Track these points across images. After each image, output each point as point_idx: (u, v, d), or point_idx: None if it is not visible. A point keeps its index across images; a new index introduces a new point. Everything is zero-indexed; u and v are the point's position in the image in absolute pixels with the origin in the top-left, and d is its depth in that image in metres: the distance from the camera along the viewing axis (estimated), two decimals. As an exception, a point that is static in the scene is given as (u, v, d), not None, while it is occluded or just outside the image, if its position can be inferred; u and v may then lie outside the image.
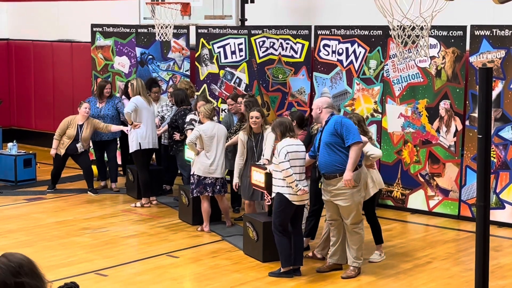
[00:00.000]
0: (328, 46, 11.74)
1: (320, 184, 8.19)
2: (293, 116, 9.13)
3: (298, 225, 8.32)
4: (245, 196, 9.51)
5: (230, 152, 10.38)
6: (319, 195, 8.47)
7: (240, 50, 12.58)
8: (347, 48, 11.55)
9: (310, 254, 8.84)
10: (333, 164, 7.90)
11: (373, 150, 8.55)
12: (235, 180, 9.53)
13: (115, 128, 11.95)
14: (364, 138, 8.10)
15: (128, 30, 13.94)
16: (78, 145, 11.90)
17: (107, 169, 12.61)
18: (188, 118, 10.60)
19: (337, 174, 7.90)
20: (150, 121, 11.19)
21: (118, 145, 12.83)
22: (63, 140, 11.95)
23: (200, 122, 10.07)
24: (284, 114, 11.64)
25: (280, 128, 8.15)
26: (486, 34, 10.34)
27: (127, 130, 11.46)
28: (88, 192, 12.13)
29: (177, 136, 10.98)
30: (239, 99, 10.60)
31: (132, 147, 11.21)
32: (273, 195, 8.18)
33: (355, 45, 11.47)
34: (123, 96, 12.58)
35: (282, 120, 8.25)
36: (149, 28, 13.27)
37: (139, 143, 11.11)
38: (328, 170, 7.95)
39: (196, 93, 12.48)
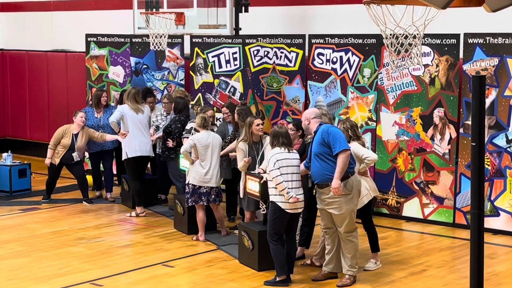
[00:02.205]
0: (322, 54, 11.77)
1: (314, 191, 8.22)
2: (299, 126, 9.05)
3: (292, 234, 8.33)
4: (250, 207, 9.45)
5: (225, 161, 10.38)
6: (311, 203, 8.49)
7: (235, 59, 12.61)
8: (341, 57, 11.58)
9: (308, 261, 8.85)
10: (324, 173, 7.93)
11: (368, 153, 8.56)
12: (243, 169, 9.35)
13: (110, 137, 11.93)
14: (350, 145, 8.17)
15: (122, 39, 13.96)
16: (74, 154, 11.89)
17: (102, 179, 12.60)
18: (188, 126, 10.61)
19: (328, 183, 7.92)
20: (137, 128, 11.16)
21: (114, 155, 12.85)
22: (57, 149, 11.94)
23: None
24: (279, 123, 11.65)
25: (272, 139, 8.22)
26: (479, 42, 10.38)
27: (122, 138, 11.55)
28: (83, 202, 12.11)
29: (170, 143, 10.98)
30: (223, 109, 10.71)
31: (123, 157, 11.27)
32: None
33: (349, 54, 11.50)
34: (119, 106, 12.58)
35: (277, 132, 8.23)
36: (144, 38, 13.29)
37: (126, 152, 11.17)
38: (320, 179, 7.98)
39: (191, 102, 12.50)
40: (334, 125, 8.36)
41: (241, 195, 9.50)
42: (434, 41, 10.67)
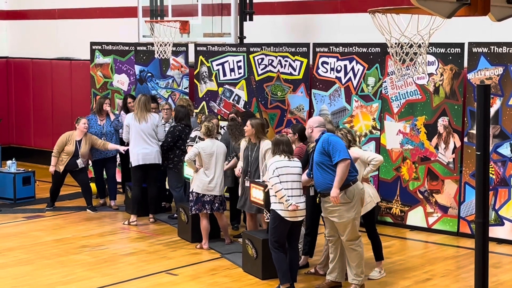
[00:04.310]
0: (327, 63, 11.78)
1: (317, 199, 8.21)
2: (295, 130, 9.15)
3: (295, 242, 8.30)
4: (249, 208, 9.44)
5: (228, 169, 10.37)
6: (313, 211, 8.48)
7: (239, 67, 12.62)
8: (345, 65, 11.59)
9: (312, 270, 8.84)
10: (325, 182, 7.91)
11: (373, 155, 8.56)
12: (239, 165, 9.60)
13: (112, 146, 11.94)
14: (353, 154, 8.16)
15: (127, 48, 13.98)
16: (78, 161, 11.89)
17: (106, 186, 12.60)
18: (192, 134, 10.63)
19: (330, 192, 7.91)
20: (139, 137, 11.15)
21: (118, 163, 12.86)
22: (61, 157, 11.94)
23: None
24: (283, 131, 11.66)
25: (273, 147, 8.25)
26: (484, 51, 10.38)
27: (123, 150, 11.59)
28: (87, 209, 12.12)
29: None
30: (232, 116, 10.75)
31: (130, 164, 11.36)
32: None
33: (354, 62, 11.50)
34: (122, 112, 12.61)
35: (278, 140, 8.26)
36: (148, 46, 13.31)
37: (131, 161, 11.27)
38: (322, 188, 7.98)
39: (195, 111, 12.51)
40: (335, 134, 8.32)
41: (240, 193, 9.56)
42: (438, 50, 10.68)
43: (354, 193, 7.97)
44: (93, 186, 12.66)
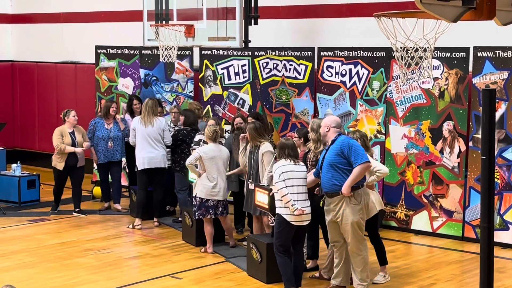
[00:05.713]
0: (332, 67, 11.78)
1: (321, 203, 8.19)
2: (300, 133, 9.15)
3: (299, 246, 8.29)
4: (255, 211, 9.43)
5: (233, 175, 10.36)
6: (315, 214, 8.48)
7: (244, 71, 12.63)
8: (350, 70, 11.59)
9: (317, 274, 8.83)
10: (334, 183, 7.89)
11: (380, 166, 8.55)
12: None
13: (80, 148, 11.90)
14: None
15: (132, 51, 14.00)
16: (78, 150, 11.81)
17: (111, 190, 12.60)
18: (197, 138, 10.64)
19: (339, 192, 7.89)
20: (144, 141, 11.17)
21: (123, 166, 12.86)
22: (60, 155, 11.86)
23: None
24: (288, 135, 11.66)
25: (278, 151, 8.23)
26: (489, 55, 10.38)
27: (82, 150, 11.78)
28: (73, 213, 12.08)
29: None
30: (238, 119, 10.76)
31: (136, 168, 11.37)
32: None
33: (358, 67, 11.50)
34: (127, 114, 12.61)
35: (283, 143, 8.24)
36: (153, 50, 13.33)
37: (136, 164, 11.28)
38: (330, 189, 7.96)
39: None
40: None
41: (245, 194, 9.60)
42: (443, 54, 10.67)
43: (362, 197, 7.97)
44: (98, 189, 12.63)
